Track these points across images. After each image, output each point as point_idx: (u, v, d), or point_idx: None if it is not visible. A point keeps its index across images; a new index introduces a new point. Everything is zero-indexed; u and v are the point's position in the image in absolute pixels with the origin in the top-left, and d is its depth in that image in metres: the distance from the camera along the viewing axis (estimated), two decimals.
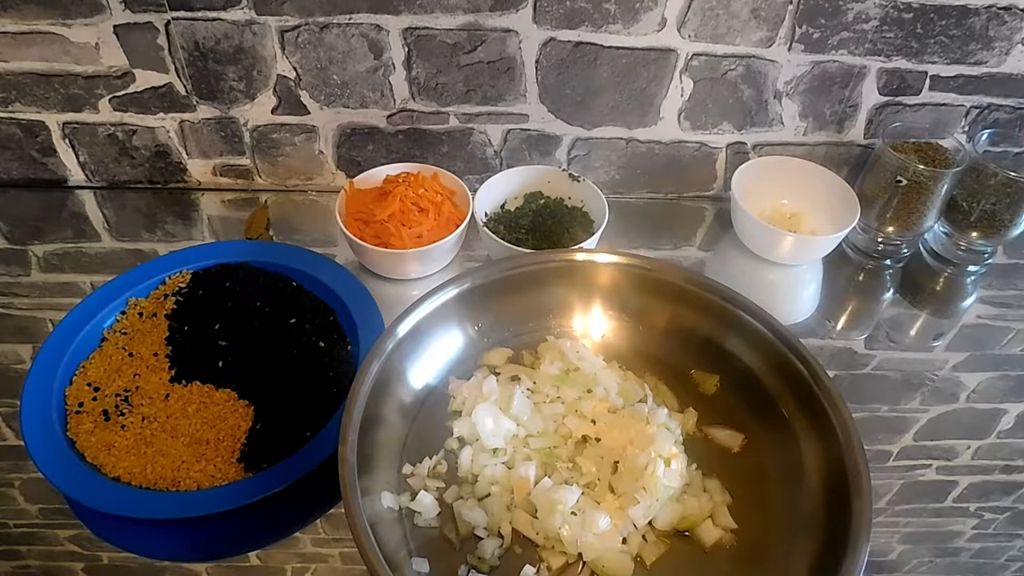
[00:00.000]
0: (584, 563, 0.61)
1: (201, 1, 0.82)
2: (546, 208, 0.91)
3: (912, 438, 0.79)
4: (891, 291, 0.94)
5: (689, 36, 0.86)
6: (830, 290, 0.93)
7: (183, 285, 0.83)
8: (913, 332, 0.89)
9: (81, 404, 0.72)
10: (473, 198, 0.88)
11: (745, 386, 0.71)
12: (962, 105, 0.94)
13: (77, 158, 0.97)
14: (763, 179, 0.94)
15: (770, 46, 0.87)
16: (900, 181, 0.87)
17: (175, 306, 0.81)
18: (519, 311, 0.76)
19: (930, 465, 0.77)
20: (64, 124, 0.93)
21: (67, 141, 0.95)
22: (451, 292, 0.71)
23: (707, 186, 1.02)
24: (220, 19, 0.84)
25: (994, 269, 0.97)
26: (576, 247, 0.82)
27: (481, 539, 0.62)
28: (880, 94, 0.92)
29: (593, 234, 0.85)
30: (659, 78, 0.90)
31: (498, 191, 0.92)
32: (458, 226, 0.86)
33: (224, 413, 0.72)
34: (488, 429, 0.66)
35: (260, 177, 1.00)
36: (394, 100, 0.92)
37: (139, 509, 0.65)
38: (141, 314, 0.81)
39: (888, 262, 0.96)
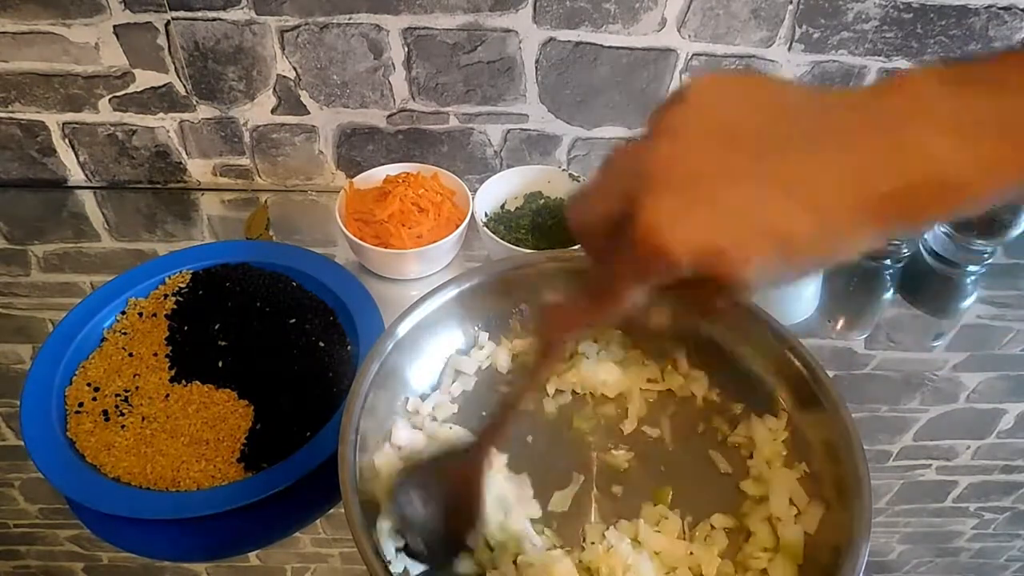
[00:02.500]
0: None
1: (201, 1, 0.82)
2: (546, 208, 0.91)
3: (912, 438, 0.79)
4: (891, 291, 0.94)
5: (689, 36, 0.86)
6: (830, 290, 0.93)
7: (183, 285, 0.83)
8: (913, 332, 0.89)
9: (81, 404, 0.72)
10: (473, 198, 0.88)
11: (744, 386, 0.71)
12: None
13: (77, 158, 0.97)
14: None
15: (770, 46, 0.87)
16: None
17: (175, 306, 0.81)
18: (519, 311, 0.76)
19: (930, 465, 0.77)
20: (64, 124, 0.93)
21: (67, 141, 0.95)
22: (451, 292, 0.70)
23: None
24: (220, 19, 0.84)
25: (994, 269, 0.97)
26: (576, 247, 0.82)
27: None
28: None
29: None
30: (659, 78, 0.90)
31: (498, 191, 0.92)
32: (458, 226, 0.86)
33: (224, 413, 0.72)
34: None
35: (260, 177, 1.00)
36: (394, 100, 0.92)
37: (139, 509, 0.65)
38: (141, 314, 0.81)
39: (888, 262, 0.95)
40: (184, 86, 0.90)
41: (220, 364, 0.76)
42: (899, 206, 0.34)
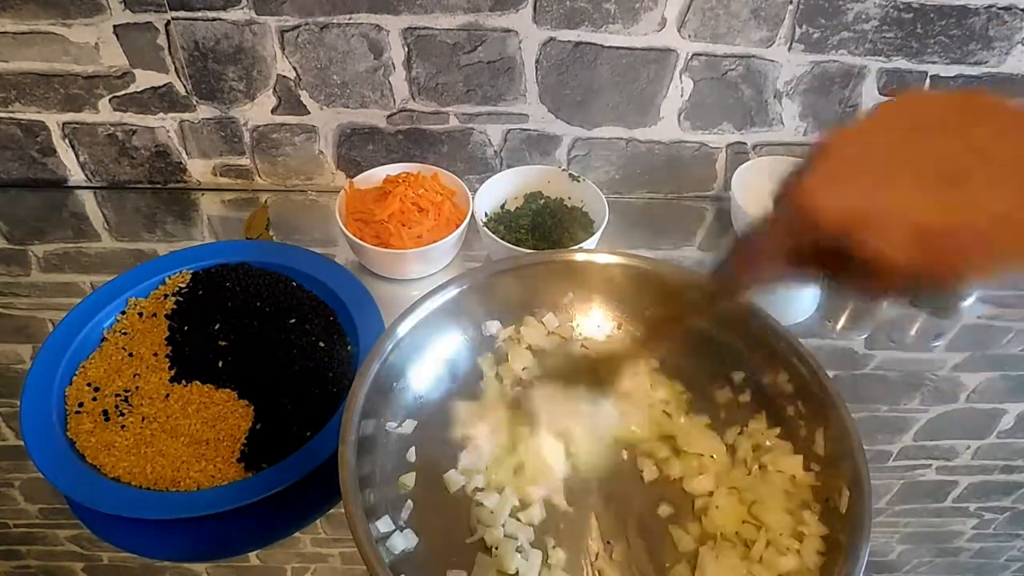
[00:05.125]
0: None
1: (201, 1, 0.82)
2: (546, 208, 0.91)
3: (912, 438, 0.79)
4: None
5: (689, 36, 0.86)
6: (830, 290, 0.93)
7: (183, 285, 0.83)
8: (913, 332, 0.89)
9: (81, 404, 0.72)
10: (473, 198, 0.88)
11: (744, 386, 0.71)
12: None
13: (77, 158, 0.97)
14: (763, 179, 0.94)
15: (770, 46, 0.87)
16: None
17: (175, 306, 0.81)
18: (519, 311, 0.76)
19: (930, 465, 0.77)
20: (64, 124, 0.93)
21: (67, 141, 0.95)
22: (451, 292, 0.71)
23: (707, 186, 1.02)
24: (220, 19, 0.84)
25: None
26: (576, 247, 0.82)
27: None
28: (880, 94, 0.92)
29: (593, 234, 0.85)
30: (659, 78, 0.90)
31: (498, 191, 0.92)
32: (458, 226, 0.86)
33: (224, 413, 0.72)
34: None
35: (260, 177, 1.00)
36: (394, 100, 0.92)
37: (139, 509, 0.65)
38: (141, 314, 0.81)
39: None
40: (184, 86, 0.90)
41: (220, 364, 0.76)
42: None
